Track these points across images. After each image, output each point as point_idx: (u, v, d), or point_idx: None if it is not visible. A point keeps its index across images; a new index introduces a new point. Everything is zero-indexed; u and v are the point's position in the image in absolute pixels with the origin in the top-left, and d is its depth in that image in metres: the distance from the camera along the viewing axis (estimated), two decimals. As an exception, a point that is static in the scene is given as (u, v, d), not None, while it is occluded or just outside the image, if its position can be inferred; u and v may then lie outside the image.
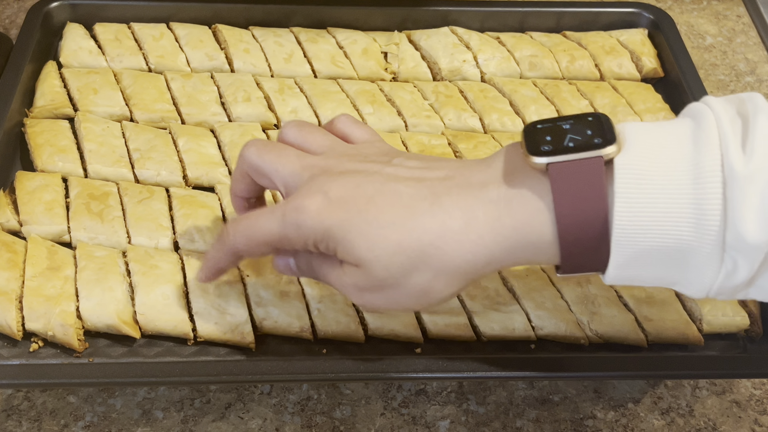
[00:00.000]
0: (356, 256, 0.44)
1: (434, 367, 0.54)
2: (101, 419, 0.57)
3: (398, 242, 0.43)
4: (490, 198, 0.43)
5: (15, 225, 0.61)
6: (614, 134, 0.41)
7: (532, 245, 0.43)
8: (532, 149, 0.42)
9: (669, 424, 0.59)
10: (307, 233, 0.45)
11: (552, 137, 0.42)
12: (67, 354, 0.55)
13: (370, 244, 0.43)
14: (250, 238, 0.47)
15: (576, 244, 0.42)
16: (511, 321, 0.57)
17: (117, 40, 0.75)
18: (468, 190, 0.44)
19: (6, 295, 0.55)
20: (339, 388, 0.59)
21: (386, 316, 0.56)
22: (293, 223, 0.45)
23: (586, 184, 0.41)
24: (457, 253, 0.43)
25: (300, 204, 0.45)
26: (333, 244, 0.45)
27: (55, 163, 0.65)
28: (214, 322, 0.55)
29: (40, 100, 0.70)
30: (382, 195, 0.44)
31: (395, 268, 0.44)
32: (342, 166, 0.47)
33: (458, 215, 0.43)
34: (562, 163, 0.41)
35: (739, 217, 0.38)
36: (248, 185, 0.52)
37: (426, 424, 0.58)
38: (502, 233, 0.43)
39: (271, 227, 0.46)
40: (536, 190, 0.42)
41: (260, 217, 0.47)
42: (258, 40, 0.77)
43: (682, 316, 0.58)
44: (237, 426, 0.57)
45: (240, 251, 0.48)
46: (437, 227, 0.43)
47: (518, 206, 0.42)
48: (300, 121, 0.52)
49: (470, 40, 0.78)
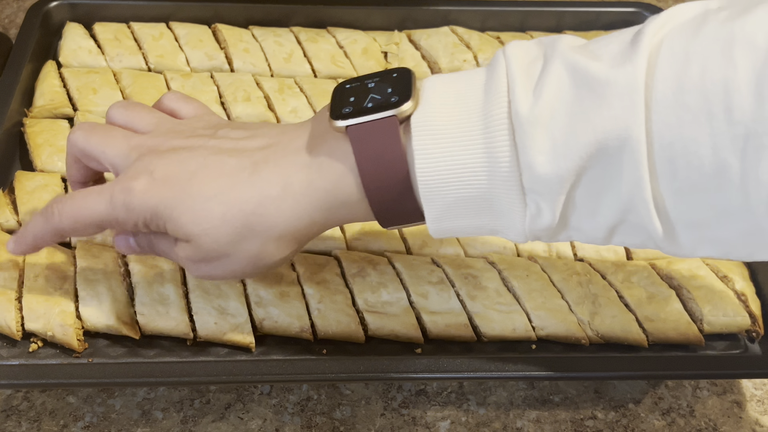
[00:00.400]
0: (184, 232, 0.45)
1: (434, 367, 0.54)
2: (101, 419, 0.57)
3: (222, 214, 0.44)
4: (303, 163, 0.45)
5: (14, 225, 0.60)
6: (411, 91, 0.42)
7: (345, 205, 0.45)
8: (335, 112, 0.43)
9: (670, 425, 0.59)
10: (135, 214, 0.46)
11: (355, 98, 0.44)
12: (66, 354, 0.55)
13: (196, 219, 0.45)
14: (77, 219, 0.47)
15: (384, 202, 0.44)
16: (512, 321, 0.57)
17: (116, 40, 0.75)
18: (284, 157, 0.45)
19: (5, 295, 0.55)
20: (339, 388, 0.59)
21: (386, 316, 0.56)
22: (121, 204, 0.46)
23: (383, 143, 0.42)
24: (278, 218, 0.45)
25: (126, 185, 0.45)
26: (162, 222, 0.46)
27: (55, 163, 0.65)
28: (213, 323, 0.55)
29: (40, 99, 0.70)
30: (204, 169, 0.45)
31: (223, 239, 0.45)
32: (168, 143, 0.47)
33: (275, 182, 0.44)
34: (359, 125, 0.42)
35: (530, 161, 0.39)
36: (80, 170, 0.52)
37: (426, 425, 0.58)
38: (316, 196, 0.44)
39: (100, 209, 0.46)
40: (341, 152, 0.44)
41: (88, 197, 0.47)
42: (258, 39, 0.77)
43: (683, 317, 0.58)
44: (237, 426, 0.57)
45: (65, 231, 0.48)
46: (257, 196, 0.44)
47: (327, 169, 0.44)
48: (127, 101, 0.52)
49: (470, 39, 0.78)
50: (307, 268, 0.58)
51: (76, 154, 0.50)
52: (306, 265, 0.58)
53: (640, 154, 0.38)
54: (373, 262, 0.59)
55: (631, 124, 0.38)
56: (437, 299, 0.57)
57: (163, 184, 0.45)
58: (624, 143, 0.38)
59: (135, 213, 0.46)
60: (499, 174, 0.41)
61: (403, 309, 0.56)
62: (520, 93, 0.40)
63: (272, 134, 0.47)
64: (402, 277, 0.58)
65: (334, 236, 0.61)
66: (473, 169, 0.41)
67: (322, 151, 0.44)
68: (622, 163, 0.39)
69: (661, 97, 0.37)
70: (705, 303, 0.58)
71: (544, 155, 0.39)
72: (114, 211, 0.46)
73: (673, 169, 0.38)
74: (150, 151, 0.47)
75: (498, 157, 0.40)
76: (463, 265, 0.59)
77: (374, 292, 0.57)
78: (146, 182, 0.45)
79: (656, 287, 0.59)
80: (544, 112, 0.39)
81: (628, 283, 0.59)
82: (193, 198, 0.45)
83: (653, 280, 0.59)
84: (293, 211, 0.45)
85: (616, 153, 0.38)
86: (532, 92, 0.40)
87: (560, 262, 0.60)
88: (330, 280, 0.57)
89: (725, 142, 0.36)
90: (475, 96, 0.42)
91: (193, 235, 0.45)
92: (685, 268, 0.60)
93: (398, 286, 0.57)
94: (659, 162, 0.38)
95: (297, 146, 0.46)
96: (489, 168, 0.41)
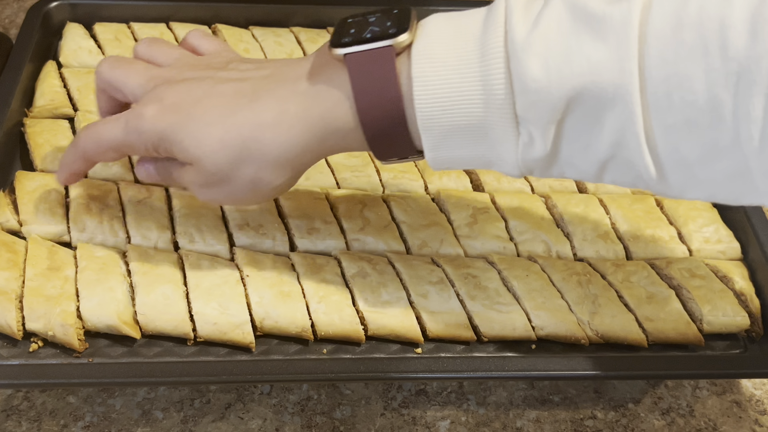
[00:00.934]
0: (188, 155, 0.48)
1: (434, 367, 0.54)
2: (101, 419, 0.57)
3: (221, 138, 0.47)
4: (300, 90, 0.47)
5: (15, 225, 0.60)
6: (409, 24, 0.44)
7: (340, 132, 0.46)
8: (335, 42, 0.45)
9: (669, 425, 0.59)
10: (145, 138, 0.49)
11: (356, 29, 0.45)
12: (67, 354, 0.55)
13: (198, 142, 0.47)
14: (98, 143, 0.51)
15: (377, 130, 0.45)
16: (511, 321, 0.57)
17: (117, 40, 0.75)
18: (284, 85, 0.47)
19: (6, 295, 0.55)
20: (339, 388, 0.59)
21: (386, 316, 0.56)
22: (134, 129, 0.49)
23: (379, 72, 0.44)
24: (273, 144, 0.47)
25: (138, 112, 0.49)
26: (169, 146, 0.49)
27: (55, 163, 0.65)
28: (214, 322, 0.55)
29: (40, 99, 0.70)
30: (209, 97, 0.48)
31: (222, 162, 0.47)
32: (182, 75, 0.51)
33: (273, 108, 0.47)
34: (357, 53, 0.44)
35: (523, 87, 0.40)
36: (107, 101, 0.55)
37: (426, 425, 0.58)
38: (311, 122, 0.46)
39: (116, 134, 0.50)
40: (338, 80, 0.45)
41: (107, 124, 0.51)
42: (258, 39, 0.77)
43: (683, 316, 0.58)
44: (237, 426, 0.57)
45: (89, 155, 0.53)
46: (254, 121, 0.47)
47: (324, 97, 0.46)
48: (153, 37, 0.56)
49: (470, 39, 0.78)
50: (307, 268, 0.58)
51: (101, 85, 0.54)
52: (306, 265, 0.58)
53: (633, 88, 0.39)
54: (373, 262, 0.59)
55: (624, 58, 0.38)
56: (437, 299, 0.57)
57: (170, 111, 0.48)
58: (617, 76, 0.39)
59: (145, 137, 0.49)
60: (494, 101, 0.42)
61: (403, 309, 0.56)
62: (516, 22, 0.41)
63: (276, 65, 0.49)
64: (402, 277, 0.58)
65: (334, 236, 0.61)
66: (470, 97, 0.42)
67: (320, 80, 0.46)
68: (615, 96, 0.39)
69: (659, 33, 0.38)
70: (704, 303, 0.58)
71: (536, 82, 0.40)
72: (127, 135, 0.49)
73: (667, 104, 0.39)
74: (165, 81, 0.50)
75: (493, 85, 0.41)
76: (463, 265, 0.59)
77: (374, 292, 0.57)
78: (156, 109, 0.48)
79: (656, 287, 0.59)
80: (538, 40, 0.40)
81: (627, 282, 0.59)
82: (196, 122, 0.47)
83: (653, 280, 0.59)
84: (288, 137, 0.46)
85: (608, 86, 0.39)
86: (531, 23, 0.41)
87: (560, 262, 0.60)
88: (330, 280, 0.58)
89: (719, 78, 0.37)
90: (473, 28, 0.43)
91: (195, 157, 0.48)
92: (685, 268, 0.60)
93: (398, 286, 0.58)
94: (653, 97, 0.39)
95: (296, 75, 0.47)
96: (484, 95, 0.42)
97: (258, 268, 0.58)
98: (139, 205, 0.61)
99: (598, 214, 0.64)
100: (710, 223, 0.65)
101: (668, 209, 0.66)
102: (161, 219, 0.61)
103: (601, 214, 0.64)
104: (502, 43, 0.41)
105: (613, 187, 0.67)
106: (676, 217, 0.65)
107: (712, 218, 0.65)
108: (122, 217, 0.61)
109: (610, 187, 0.67)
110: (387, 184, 0.66)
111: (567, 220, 0.63)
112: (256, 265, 0.58)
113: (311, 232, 0.61)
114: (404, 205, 0.63)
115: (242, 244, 0.61)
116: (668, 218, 0.66)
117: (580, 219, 0.64)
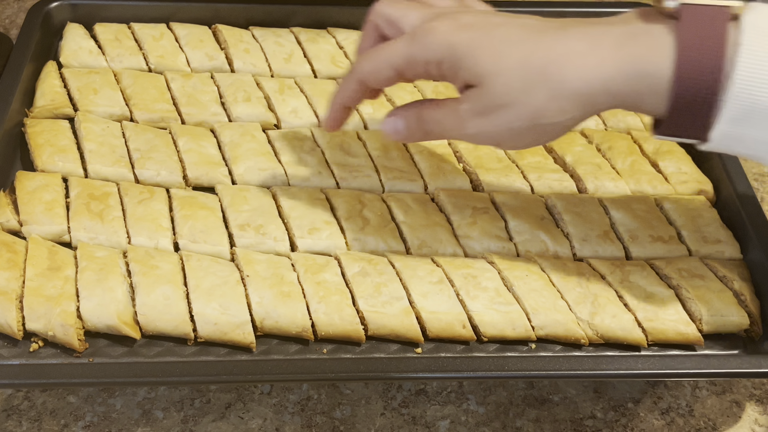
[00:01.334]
0: (479, 71, 0.47)
1: (434, 367, 0.54)
2: (101, 419, 0.57)
3: (522, 57, 0.46)
4: (616, 32, 0.46)
5: (15, 225, 0.61)
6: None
7: (648, 78, 0.45)
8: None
9: (669, 424, 0.59)
10: (431, 51, 0.48)
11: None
12: (67, 354, 0.55)
13: (495, 58, 0.46)
14: (376, 60, 0.51)
15: (688, 89, 0.44)
16: (511, 321, 0.57)
17: (117, 40, 0.75)
18: (596, 25, 0.47)
19: (6, 295, 0.55)
20: (339, 388, 0.59)
21: (386, 316, 0.56)
22: (421, 42, 0.48)
23: (710, 29, 0.44)
24: (577, 73, 0.45)
25: (430, 26, 0.48)
26: (457, 62, 0.47)
27: (55, 163, 0.65)
28: (214, 323, 0.55)
29: (40, 100, 0.70)
30: (509, 23, 0.48)
31: (515, 82, 0.46)
32: (470, 10, 0.51)
33: (584, 38, 0.46)
34: (695, 5, 0.44)
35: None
36: (376, 40, 0.54)
37: (426, 424, 0.58)
38: (623, 59, 0.45)
39: (398, 47, 0.49)
40: (662, 28, 0.45)
41: (389, 42, 0.51)
42: (258, 40, 0.77)
43: (682, 316, 0.58)
44: (237, 426, 0.57)
45: (365, 75, 0.52)
46: (562, 47, 0.46)
47: (643, 40, 0.45)
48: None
49: (470, 40, 0.78)
50: (307, 268, 0.58)
51: (376, 19, 0.54)
52: (306, 265, 0.58)
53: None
54: (373, 262, 0.59)
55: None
56: (437, 299, 0.57)
57: (467, 28, 0.48)
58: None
59: (431, 50, 0.48)
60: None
61: (403, 309, 0.57)
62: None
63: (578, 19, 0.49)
64: (402, 277, 0.58)
65: (334, 236, 0.61)
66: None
67: (640, 26, 0.46)
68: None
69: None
70: (704, 303, 0.58)
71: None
72: (411, 48, 0.49)
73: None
74: (450, 12, 0.50)
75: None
76: (463, 265, 0.59)
77: (374, 292, 0.57)
78: (450, 24, 0.48)
79: (655, 287, 0.59)
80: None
81: (627, 282, 0.59)
82: (496, 39, 0.47)
83: (652, 280, 0.59)
84: (594, 70, 0.45)
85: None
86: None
87: (560, 262, 0.60)
88: (330, 280, 0.58)
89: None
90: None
91: (486, 74, 0.47)
92: (685, 268, 0.60)
93: (398, 286, 0.58)
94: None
95: (607, 21, 0.47)
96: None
97: (258, 268, 0.58)
98: (139, 205, 0.61)
99: (597, 214, 0.64)
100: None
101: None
102: (162, 219, 0.61)
103: (600, 214, 0.64)
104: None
105: (613, 187, 0.67)
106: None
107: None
108: (122, 218, 0.61)
109: (609, 187, 0.67)
110: (387, 184, 0.66)
111: (567, 220, 0.63)
112: (256, 266, 0.58)
113: (311, 232, 0.61)
114: (404, 205, 0.64)
115: (242, 244, 0.61)
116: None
117: (580, 219, 0.64)
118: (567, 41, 0.46)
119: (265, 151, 0.67)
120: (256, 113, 0.70)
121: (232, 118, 0.71)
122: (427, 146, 0.68)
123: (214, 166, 0.66)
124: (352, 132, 0.70)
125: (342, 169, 0.66)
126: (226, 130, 0.68)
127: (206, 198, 0.63)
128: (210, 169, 0.66)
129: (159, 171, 0.65)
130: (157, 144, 0.67)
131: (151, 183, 0.65)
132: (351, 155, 0.67)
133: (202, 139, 0.68)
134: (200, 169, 0.65)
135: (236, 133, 0.68)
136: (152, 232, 0.60)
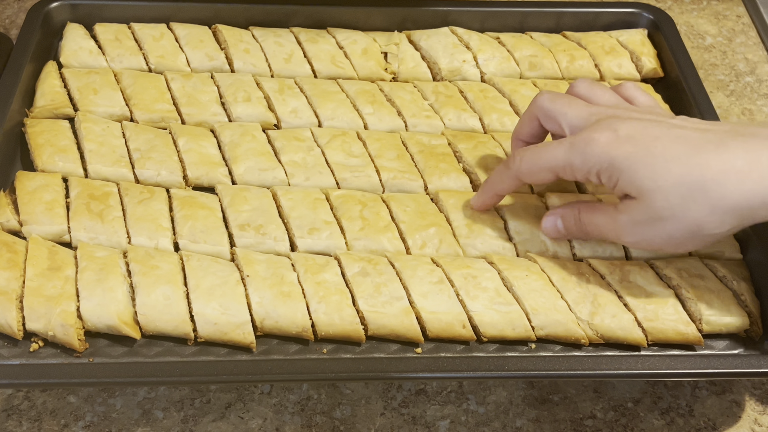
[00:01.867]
0: (638, 186, 0.49)
1: (434, 367, 0.54)
2: (101, 419, 0.57)
3: (681, 174, 0.47)
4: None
5: (15, 225, 0.61)
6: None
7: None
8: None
9: (669, 424, 0.59)
10: (591, 162, 0.51)
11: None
12: (67, 354, 0.55)
13: (654, 175, 0.48)
14: (535, 162, 0.54)
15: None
16: (511, 321, 0.57)
17: (117, 41, 0.75)
18: (754, 138, 0.47)
19: (6, 295, 0.55)
20: (339, 388, 0.59)
21: (386, 316, 0.56)
22: (581, 151, 0.51)
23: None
24: (736, 190, 0.47)
25: (589, 136, 0.51)
26: (616, 174, 0.50)
27: (56, 163, 0.65)
28: (214, 323, 0.55)
29: (41, 100, 0.70)
30: (668, 136, 0.49)
31: (675, 199, 0.48)
32: (627, 114, 0.52)
33: (742, 156, 0.47)
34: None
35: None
36: (533, 129, 0.58)
37: (426, 424, 0.58)
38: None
39: (558, 154, 0.52)
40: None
41: (548, 145, 0.53)
42: (258, 40, 0.77)
43: (682, 316, 0.58)
44: (237, 426, 0.57)
45: (522, 174, 0.55)
46: (720, 164, 0.47)
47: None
48: (592, 80, 0.57)
49: (470, 40, 0.78)
50: (307, 268, 0.58)
51: (537, 112, 0.57)
52: (306, 265, 0.58)
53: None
54: (373, 262, 0.59)
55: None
56: (437, 299, 0.57)
57: (626, 141, 0.49)
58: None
59: (591, 161, 0.51)
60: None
61: (403, 309, 0.57)
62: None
63: (735, 123, 0.51)
64: (402, 277, 0.58)
65: (334, 236, 0.61)
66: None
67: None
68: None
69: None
70: (704, 303, 0.58)
71: None
72: (570, 156, 0.51)
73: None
74: (610, 116, 0.52)
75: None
76: (463, 265, 0.59)
77: (374, 292, 0.57)
78: (610, 136, 0.50)
79: (655, 287, 0.59)
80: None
81: (627, 282, 0.59)
82: (654, 156, 0.48)
83: (652, 280, 0.59)
84: (755, 185, 0.46)
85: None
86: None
87: (559, 262, 0.60)
88: (330, 280, 0.58)
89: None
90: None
91: (645, 190, 0.49)
92: (684, 268, 0.60)
93: (398, 286, 0.58)
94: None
95: (766, 132, 0.48)
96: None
97: (258, 268, 0.58)
98: (139, 205, 0.61)
99: (597, 214, 0.64)
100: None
101: None
102: (162, 219, 0.61)
103: (600, 214, 0.64)
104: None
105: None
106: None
107: None
108: (122, 218, 0.61)
109: (609, 187, 0.67)
110: (387, 184, 0.66)
111: (567, 220, 0.63)
112: (256, 266, 0.58)
113: (311, 232, 0.61)
114: (404, 205, 0.64)
115: (243, 245, 0.61)
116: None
117: (579, 219, 0.64)
118: (725, 159, 0.47)
119: (265, 151, 0.67)
120: (256, 113, 0.70)
121: (232, 118, 0.71)
122: (427, 146, 0.68)
123: (214, 166, 0.66)
124: (352, 132, 0.70)
125: (342, 169, 0.66)
126: (226, 130, 0.68)
127: (206, 198, 0.63)
128: (210, 169, 0.66)
129: (159, 171, 0.65)
130: (157, 144, 0.67)
131: (151, 183, 0.65)
132: (351, 155, 0.67)
133: (202, 139, 0.68)
134: (200, 169, 0.66)
135: (236, 133, 0.68)
136: (152, 232, 0.60)
